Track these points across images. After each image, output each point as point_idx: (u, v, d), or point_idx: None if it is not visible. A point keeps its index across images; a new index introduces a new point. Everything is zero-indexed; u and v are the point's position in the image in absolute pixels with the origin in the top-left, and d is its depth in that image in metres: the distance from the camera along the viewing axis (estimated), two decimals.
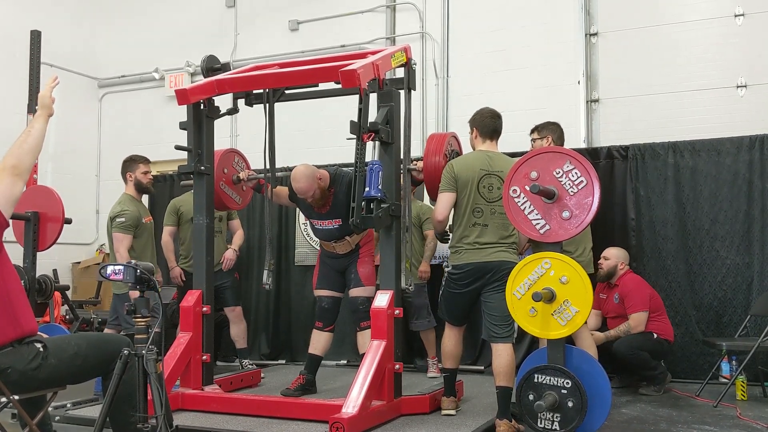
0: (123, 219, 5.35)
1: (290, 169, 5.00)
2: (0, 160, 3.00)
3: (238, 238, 6.15)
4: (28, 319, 3.10)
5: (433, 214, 4.35)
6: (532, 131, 5.00)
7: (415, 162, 4.72)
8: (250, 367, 5.86)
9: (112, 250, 5.44)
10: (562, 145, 4.77)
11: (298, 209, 6.72)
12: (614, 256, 5.35)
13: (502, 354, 4.03)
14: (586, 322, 4.67)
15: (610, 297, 5.39)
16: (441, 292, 4.53)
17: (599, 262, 5.35)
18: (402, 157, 4.57)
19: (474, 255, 4.15)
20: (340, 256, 5.07)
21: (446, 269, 4.44)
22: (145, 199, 5.99)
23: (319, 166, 5.02)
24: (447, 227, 4.41)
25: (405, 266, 4.58)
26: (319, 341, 5.05)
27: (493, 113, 4.39)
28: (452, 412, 4.38)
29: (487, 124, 4.34)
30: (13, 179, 2.93)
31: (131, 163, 5.58)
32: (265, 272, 5.05)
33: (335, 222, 4.90)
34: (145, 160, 5.63)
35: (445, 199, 4.23)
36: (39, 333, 3.17)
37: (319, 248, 5.29)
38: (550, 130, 4.86)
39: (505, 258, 4.11)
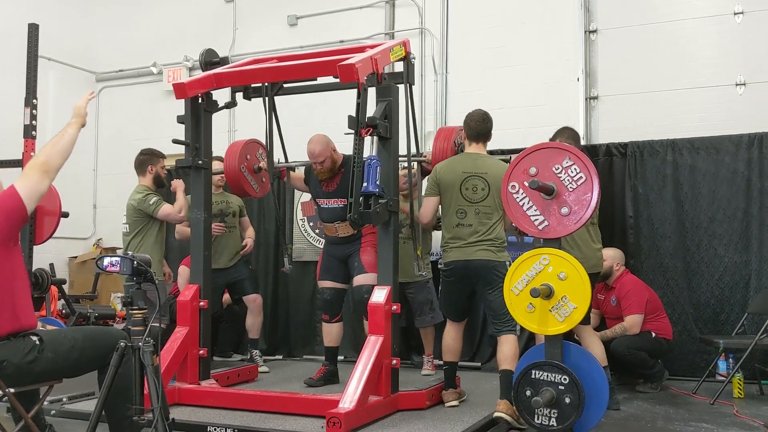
0: (155, 197, 5.37)
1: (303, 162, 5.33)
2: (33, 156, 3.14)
3: (251, 231, 6.18)
4: (27, 314, 3.10)
5: (419, 217, 4.60)
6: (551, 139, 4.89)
7: (424, 154, 4.94)
8: (258, 359, 5.92)
9: (135, 238, 5.39)
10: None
11: (295, 206, 6.74)
12: (609, 257, 5.32)
13: (505, 343, 4.21)
14: (590, 323, 4.71)
15: (608, 299, 5.37)
16: (440, 287, 4.62)
17: None
18: (411, 149, 4.72)
19: (458, 253, 4.32)
20: (341, 241, 5.12)
21: (439, 266, 4.52)
22: None
23: None
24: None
25: (417, 253, 4.86)
26: (330, 333, 5.20)
27: (481, 117, 4.46)
28: (455, 403, 4.47)
29: (473, 128, 4.45)
30: (41, 176, 3.03)
31: (152, 156, 5.59)
32: (286, 258, 5.37)
33: (341, 201, 4.98)
34: (163, 155, 5.66)
35: (429, 203, 4.47)
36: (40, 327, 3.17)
37: (316, 242, 5.33)
38: (564, 137, 4.77)
39: (485, 257, 4.26)
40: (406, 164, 4.75)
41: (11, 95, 7.34)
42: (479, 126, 4.43)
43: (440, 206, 4.47)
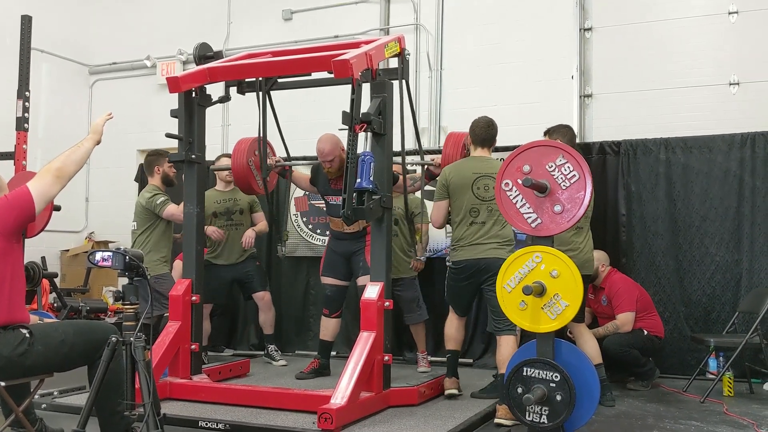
0: (163, 198, 5.44)
1: (306, 158, 5.53)
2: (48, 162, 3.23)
3: (262, 225, 6.10)
4: (20, 309, 3.12)
5: (431, 221, 4.72)
6: (545, 134, 4.92)
7: (432, 157, 5.09)
8: (275, 353, 5.96)
9: (142, 235, 5.48)
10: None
11: (289, 201, 6.74)
12: (594, 259, 5.31)
13: (503, 345, 4.32)
14: (584, 321, 4.73)
15: (598, 298, 5.39)
16: (446, 282, 4.75)
17: None
18: (406, 145, 4.86)
19: (468, 252, 4.42)
20: (347, 237, 5.23)
21: (448, 264, 4.59)
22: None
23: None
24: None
25: (417, 239, 5.16)
26: (327, 327, 5.33)
27: (487, 123, 4.59)
28: (455, 391, 4.58)
29: (478, 134, 4.58)
30: (54, 180, 3.14)
31: (158, 157, 5.62)
32: (279, 245, 5.54)
33: None
34: (169, 154, 5.66)
35: (439, 207, 4.57)
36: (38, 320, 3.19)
37: (309, 238, 5.37)
38: (561, 134, 4.75)
39: (496, 255, 4.33)
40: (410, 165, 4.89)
41: (4, 87, 7.29)
42: (484, 132, 4.57)
43: (450, 209, 4.54)
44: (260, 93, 5.07)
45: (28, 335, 3.00)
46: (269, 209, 6.00)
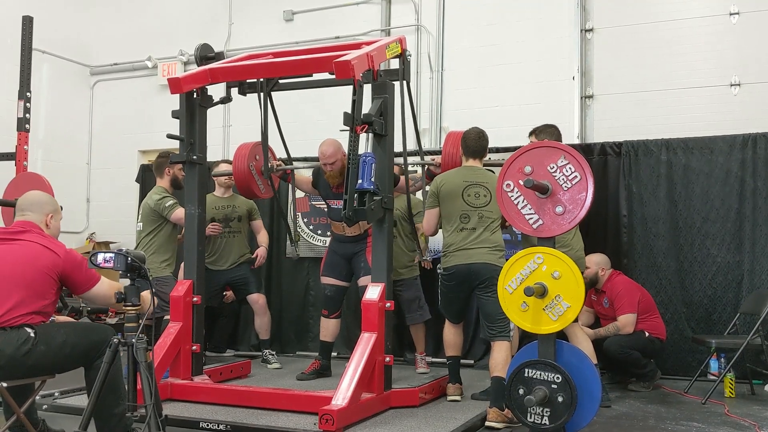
0: (171, 201, 5.43)
1: (308, 159, 5.48)
2: None
3: (264, 237, 6.12)
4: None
5: (424, 229, 4.73)
6: (531, 134, 4.95)
7: (433, 157, 5.12)
8: (270, 357, 5.94)
9: (148, 236, 5.48)
10: None
11: (289, 205, 6.75)
12: (594, 263, 5.29)
13: (496, 350, 4.30)
14: (577, 320, 4.73)
15: (600, 300, 5.38)
16: (438, 290, 4.73)
17: None
18: (407, 146, 4.81)
19: (458, 258, 4.42)
20: (348, 240, 5.25)
21: (439, 271, 4.58)
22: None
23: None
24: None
25: (420, 239, 5.18)
26: (327, 328, 5.33)
27: (478, 135, 4.62)
28: (458, 398, 4.58)
29: (470, 145, 4.62)
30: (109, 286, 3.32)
31: (169, 159, 5.59)
32: (293, 246, 5.58)
33: None
34: None
35: (430, 214, 4.62)
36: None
37: (310, 238, 5.36)
38: (548, 134, 4.79)
39: (487, 260, 4.35)
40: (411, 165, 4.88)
41: (4, 88, 7.30)
42: (475, 144, 4.60)
43: (441, 216, 4.55)
44: (262, 94, 5.06)
45: (32, 335, 3.00)
46: (275, 211, 5.99)
